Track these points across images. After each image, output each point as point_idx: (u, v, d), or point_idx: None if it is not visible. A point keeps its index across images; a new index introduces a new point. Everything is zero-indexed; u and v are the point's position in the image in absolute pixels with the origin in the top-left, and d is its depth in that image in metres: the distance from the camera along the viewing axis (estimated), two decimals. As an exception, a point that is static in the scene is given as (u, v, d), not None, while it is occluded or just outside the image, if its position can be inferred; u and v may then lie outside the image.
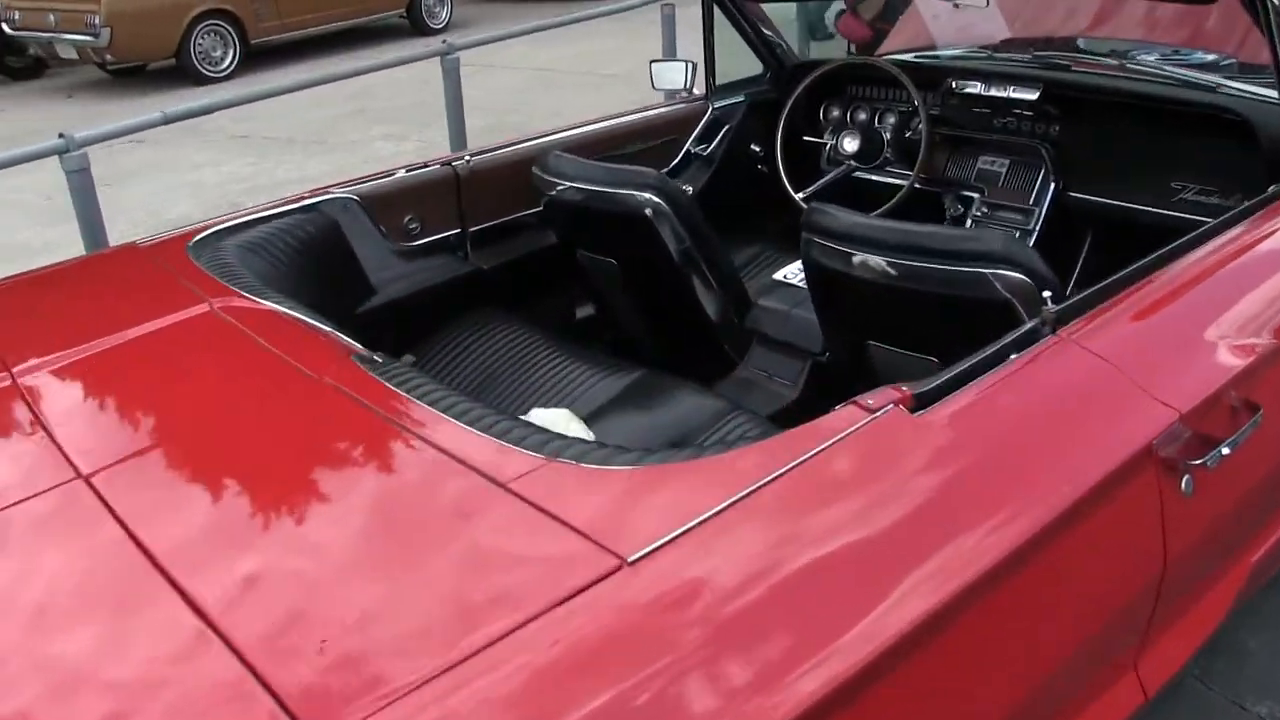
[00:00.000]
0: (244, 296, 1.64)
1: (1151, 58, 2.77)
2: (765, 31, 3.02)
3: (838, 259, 1.80)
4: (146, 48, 8.74)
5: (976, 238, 1.71)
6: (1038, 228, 2.60)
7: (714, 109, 2.96)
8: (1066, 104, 2.56)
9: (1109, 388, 1.35)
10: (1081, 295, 1.45)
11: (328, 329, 1.56)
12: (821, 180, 2.82)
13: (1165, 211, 2.37)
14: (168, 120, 3.80)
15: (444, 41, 4.92)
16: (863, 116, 2.95)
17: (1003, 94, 2.62)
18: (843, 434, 1.15)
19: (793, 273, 2.55)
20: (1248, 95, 2.27)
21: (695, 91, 3.02)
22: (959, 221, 2.76)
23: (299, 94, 4.86)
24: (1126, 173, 2.46)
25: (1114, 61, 2.65)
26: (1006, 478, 1.19)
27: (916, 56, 2.98)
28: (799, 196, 2.76)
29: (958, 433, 1.21)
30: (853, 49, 4.77)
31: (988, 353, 1.31)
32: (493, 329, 2.35)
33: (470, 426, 1.24)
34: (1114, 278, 1.50)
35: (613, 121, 2.81)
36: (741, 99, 3.02)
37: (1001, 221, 2.66)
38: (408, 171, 2.42)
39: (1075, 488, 1.18)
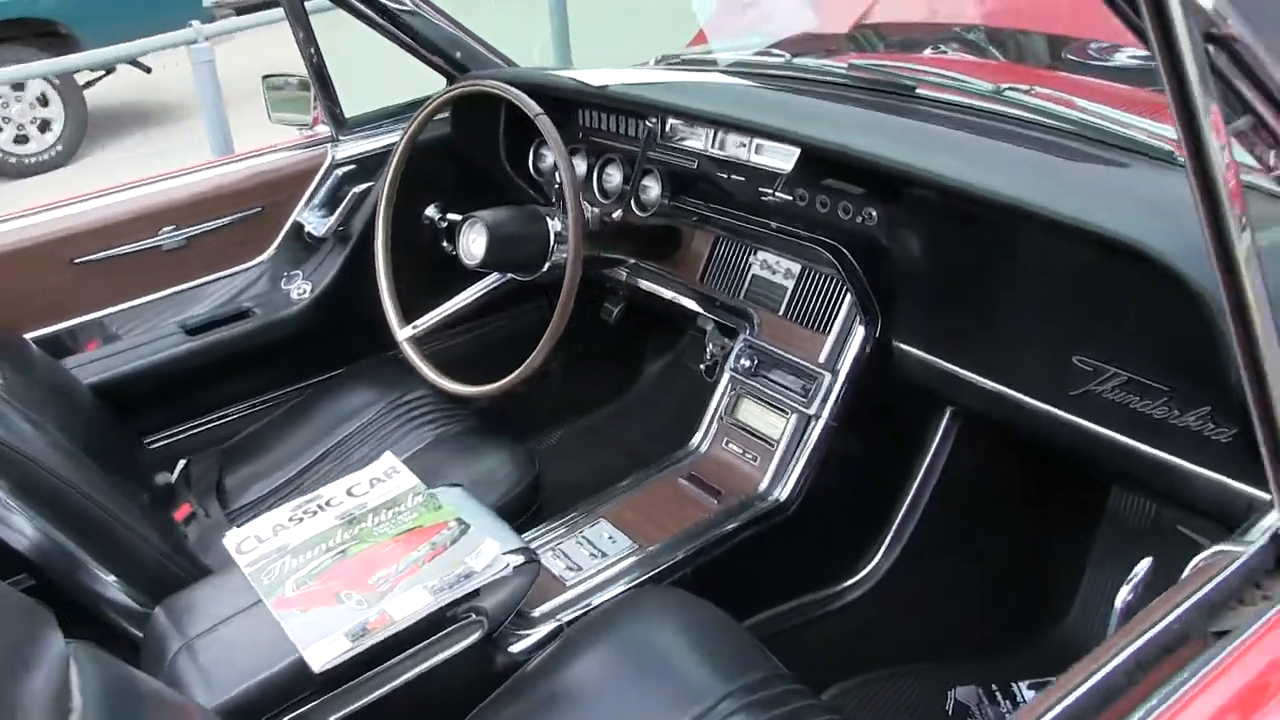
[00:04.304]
0: None
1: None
2: (433, 20, 1.81)
3: None
4: None
5: None
6: (824, 414, 1.39)
7: (335, 159, 1.78)
8: (874, 178, 1.35)
9: None
10: None
11: None
12: (456, 299, 1.60)
13: (1061, 414, 1.19)
14: None
15: (190, 25, 3.72)
16: (583, 169, 1.76)
17: (738, 156, 1.42)
18: None
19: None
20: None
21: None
22: (710, 371, 1.56)
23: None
24: (990, 324, 1.26)
25: (988, 86, 1.38)
26: None
27: (671, 66, 1.76)
28: (403, 335, 1.57)
29: None
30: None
31: None
32: None
33: None
34: None
35: (159, 185, 1.65)
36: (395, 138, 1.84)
37: (771, 388, 1.46)
38: None
39: None
